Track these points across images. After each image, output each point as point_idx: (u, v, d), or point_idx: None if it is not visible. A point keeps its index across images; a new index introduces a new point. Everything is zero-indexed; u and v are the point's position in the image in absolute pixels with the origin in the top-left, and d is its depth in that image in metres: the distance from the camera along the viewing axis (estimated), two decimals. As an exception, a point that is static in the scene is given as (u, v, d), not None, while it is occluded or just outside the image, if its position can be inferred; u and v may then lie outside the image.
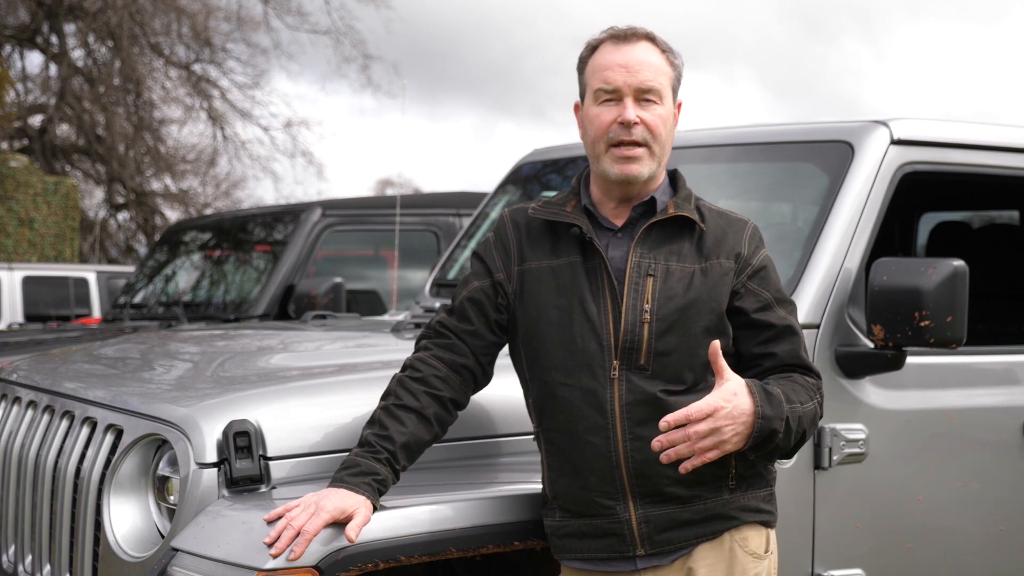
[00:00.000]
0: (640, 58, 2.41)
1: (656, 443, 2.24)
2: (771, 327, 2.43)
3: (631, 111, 2.38)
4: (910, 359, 3.07)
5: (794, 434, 2.34)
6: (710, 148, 3.68)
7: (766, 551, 2.46)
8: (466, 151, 57.51)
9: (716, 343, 2.27)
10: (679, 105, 2.51)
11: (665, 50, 2.46)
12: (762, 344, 2.43)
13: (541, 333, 2.41)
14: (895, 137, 3.28)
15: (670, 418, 2.22)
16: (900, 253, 5.13)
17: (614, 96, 2.41)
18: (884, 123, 3.32)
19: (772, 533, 2.49)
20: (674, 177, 2.53)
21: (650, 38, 2.45)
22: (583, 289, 2.39)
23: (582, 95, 2.50)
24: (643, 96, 2.40)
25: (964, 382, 3.36)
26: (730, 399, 2.24)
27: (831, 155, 3.32)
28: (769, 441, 2.30)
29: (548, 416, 2.42)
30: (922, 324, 2.91)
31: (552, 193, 4.38)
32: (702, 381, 2.38)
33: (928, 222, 5.22)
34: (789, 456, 2.46)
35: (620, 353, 2.35)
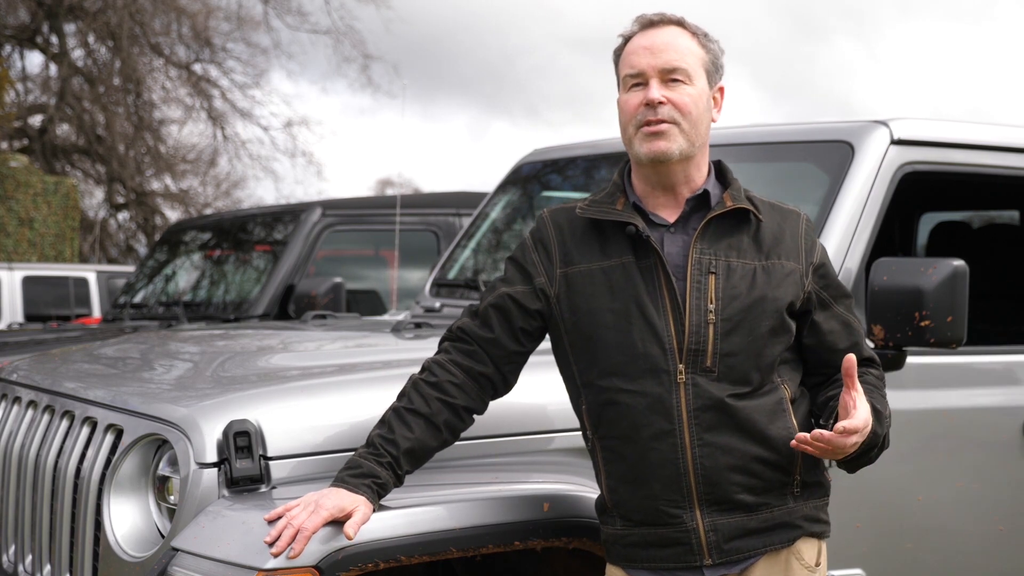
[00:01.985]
0: (666, 40, 2.36)
1: (795, 443, 2.22)
2: (831, 327, 2.44)
3: (655, 90, 2.33)
4: (910, 359, 3.07)
5: (884, 446, 2.39)
6: (710, 148, 3.67)
7: (817, 564, 2.43)
8: (461, 150, 57.56)
9: (852, 357, 2.23)
10: (720, 90, 2.45)
11: (696, 33, 2.40)
12: (824, 348, 2.44)
13: (596, 337, 2.34)
14: (895, 137, 3.28)
15: (827, 437, 2.19)
16: (900, 253, 5.13)
17: (640, 80, 2.36)
18: (884, 123, 3.32)
19: (824, 546, 2.47)
20: (720, 168, 2.47)
21: (680, 23, 2.40)
22: (639, 290, 2.32)
23: (618, 87, 2.45)
24: (669, 77, 2.34)
25: (964, 382, 3.36)
26: (868, 420, 2.25)
27: (831, 155, 3.32)
28: (865, 455, 2.34)
29: (607, 423, 2.35)
30: (922, 324, 2.91)
31: (556, 194, 4.40)
32: (768, 382, 2.34)
33: (928, 222, 5.22)
34: (871, 462, 2.44)
35: (685, 356, 2.29)
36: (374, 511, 2.32)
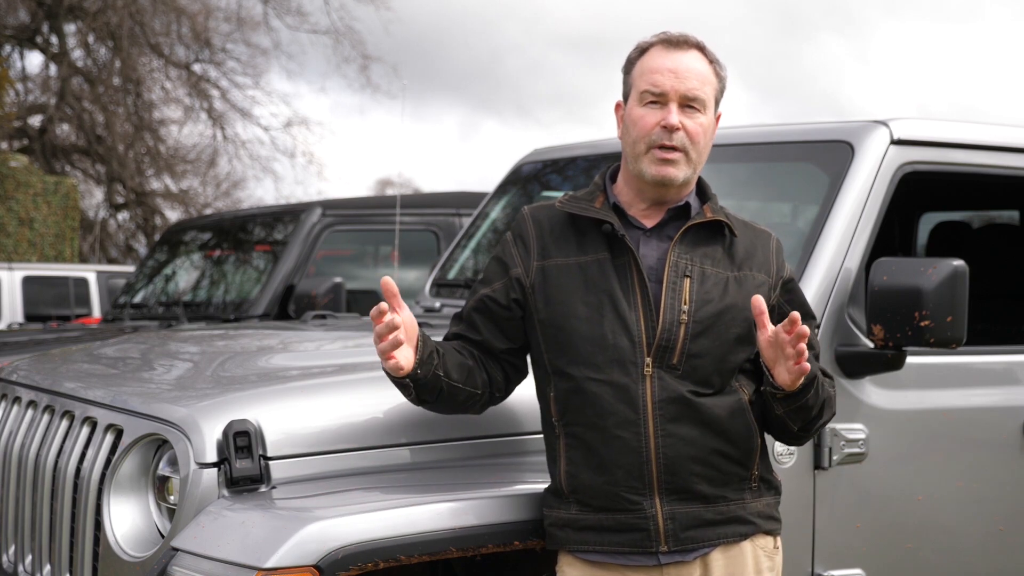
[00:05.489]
0: (689, 65, 2.44)
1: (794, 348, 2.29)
2: None
3: (675, 116, 2.42)
4: (910, 359, 3.07)
5: (819, 401, 2.44)
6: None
7: (775, 547, 2.52)
8: (452, 150, 57.54)
9: (759, 298, 2.33)
10: (718, 116, 2.54)
11: (713, 60, 2.49)
12: None
13: (569, 328, 2.41)
14: (895, 137, 3.28)
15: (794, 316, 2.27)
16: (900, 253, 5.13)
17: (660, 100, 2.44)
18: (884, 123, 3.32)
19: (779, 540, 2.55)
20: (701, 184, 2.56)
21: (700, 47, 2.49)
22: (613, 286, 2.41)
23: (626, 95, 2.52)
24: (688, 103, 2.43)
25: (964, 382, 3.36)
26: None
27: (831, 155, 3.32)
28: (806, 391, 2.38)
29: (573, 410, 2.42)
30: (922, 324, 2.91)
31: (554, 193, 4.40)
32: (727, 386, 2.43)
33: (928, 222, 5.22)
34: (800, 438, 2.53)
35: (654, 351, 2.37)
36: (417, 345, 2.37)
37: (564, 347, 2.42)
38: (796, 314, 2.27)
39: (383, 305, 2.30)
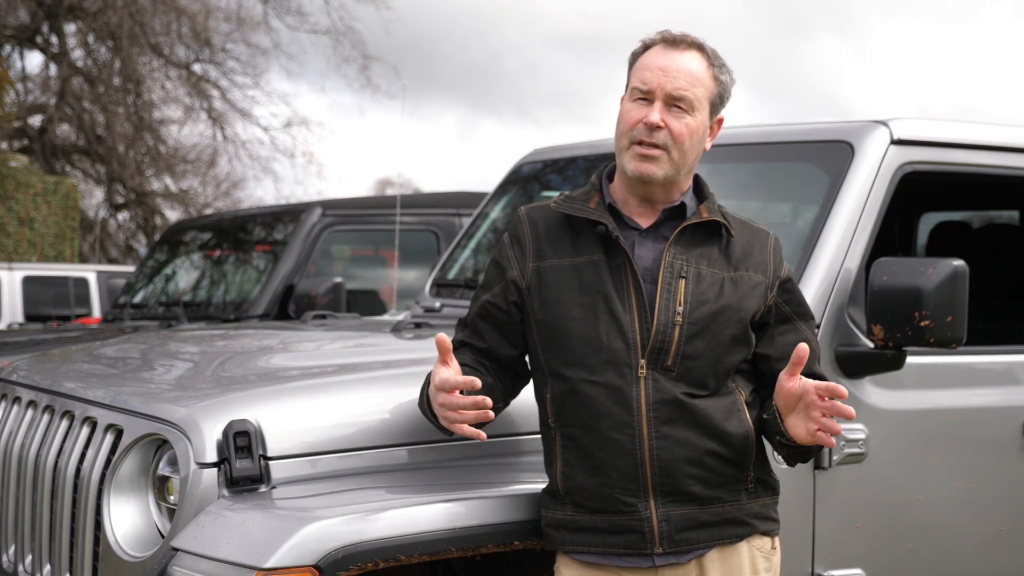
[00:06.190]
0: (681, 65, 2.42)
1: (821, 422, 2.30)
2: (788, 340, 2.49)
3: (656, 114, 2.40)
4: (910, 359, 3.07)
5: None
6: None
7: (772, 548, 2.52)
8: (450, 150, 57.56)
9: (804, 347, 2.31)
10: (719, 121, 2.51)
11: (713, 64, 2.46)
12: (776, 358, 2.49)
13: (564, 329, 2.41)
14: (895, 137, 3.28)
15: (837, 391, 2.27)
16: (900, 253, 5.13)
17: (647, 97, 2.43)
18: (884, 123, 3.32)
19: (777, 540, 2.54)
20: (698, 182, 2.54)
21: (700, 48, 2.46)
22: (607, 287, 2.40)
23: (625, 90, 2.52)
24: (674, 103, 2.41)
25: (964, 382, 3.36)
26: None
27: (831, 155, 3.32)
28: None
29: (568, 412, 2.41)
30: (922, 324, 2.91)
31: (553, 193, 4.40)
32: (723, 387, 2.43)
33: (928, 222, 5.22)
34: (805, 459, 2.54)
35: (648, 353, 2.37)
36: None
37: (559, 349, 2.42)
38: (843, 390, 2.26)
39: (466, 379, 2.32)
